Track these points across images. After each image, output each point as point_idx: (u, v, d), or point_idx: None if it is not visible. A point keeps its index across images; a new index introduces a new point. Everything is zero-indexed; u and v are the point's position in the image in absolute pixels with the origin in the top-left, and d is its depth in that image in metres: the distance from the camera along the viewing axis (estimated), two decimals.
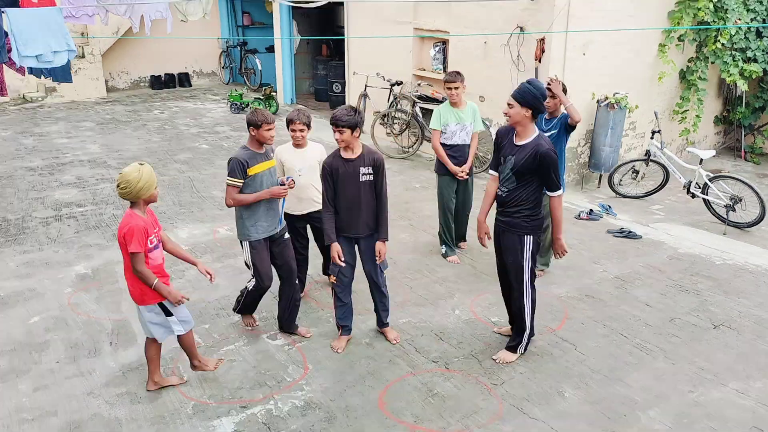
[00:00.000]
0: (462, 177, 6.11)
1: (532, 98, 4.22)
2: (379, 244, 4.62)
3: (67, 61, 6.63)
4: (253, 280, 4.80)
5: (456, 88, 5.94)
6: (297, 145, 5.07)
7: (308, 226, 5.36)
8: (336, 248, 4.55)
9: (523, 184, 4.34)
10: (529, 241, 4.45)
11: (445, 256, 6.37)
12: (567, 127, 5.52)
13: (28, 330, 5.06)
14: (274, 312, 5.33)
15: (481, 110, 8.66)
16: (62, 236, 6.86)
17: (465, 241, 6.61)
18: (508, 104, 4.30)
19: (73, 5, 6.90)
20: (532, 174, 4.29)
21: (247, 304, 5.00)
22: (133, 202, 3.92)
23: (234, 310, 5.10)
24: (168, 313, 4.10)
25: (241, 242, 4.75)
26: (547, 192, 4.38)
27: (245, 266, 4.89)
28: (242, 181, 4.46)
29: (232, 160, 4.45)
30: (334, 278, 4.71)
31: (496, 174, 4.54)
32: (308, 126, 5.00)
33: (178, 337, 4.25)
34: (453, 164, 6.08)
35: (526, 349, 4.73)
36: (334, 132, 4.40)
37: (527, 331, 4.66)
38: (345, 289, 4.77)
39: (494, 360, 4.68)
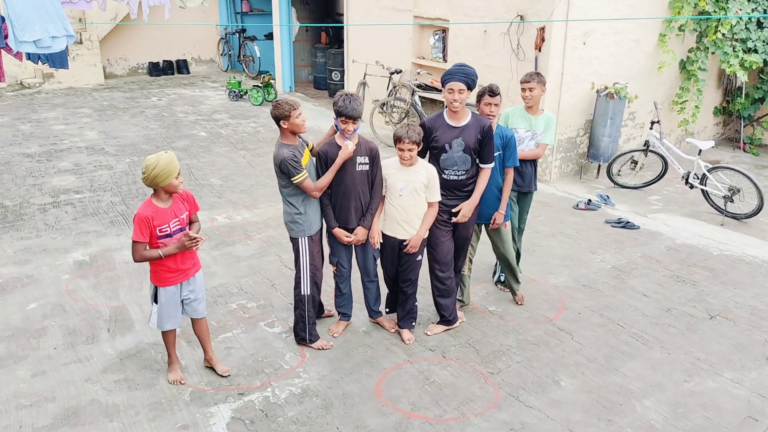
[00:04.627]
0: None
1: (476, 79, 4.51)
2: (358, 229, 4.54)
3: (65, 46, 6.60)
4: (306, 283, 4.53)
5: (531, 89, 5.17)
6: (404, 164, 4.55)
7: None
8: (339, 231, 4.54)
9: (473, 161, 4.57)
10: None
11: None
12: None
13: (26, 316, 5.06)
14: (272, 300, 5.34)
15: None
16: (60, 223, 6.85)
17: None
18: (459, 91, 4.43)
19: None
20: (479, 149, 4.54)
21: (313, 321, 4.65)
22: (155, 191, 3.88)
23: (304, 341, 4.68)
24: (155, 300, 4.11)
25: (296, 240, 4.46)
26: (484, 165, 4.58)
27: (293, 268, 4.57)
28: (305, 171, 4.24)
29: (283, 162, 4.17)
30: (335, 268, 4.73)
31: None
32: (418, 144, 4.43)
33: (192, 322, 4.34)
34: None
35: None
36: (346, 123, 4.29)
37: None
38: (344, 279, 4.78)
39: (427, 334, 4.87)
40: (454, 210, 4.62)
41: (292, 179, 4.24)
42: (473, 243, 5.08)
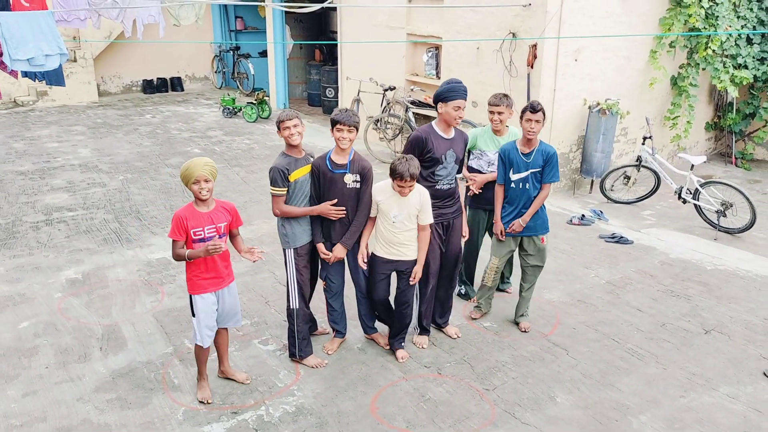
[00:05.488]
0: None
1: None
2: (336, 246, 4.48)
3: (59, 64, 6.62)
4: (294, 297, 4.55)
5: (500, 113, 5.05)
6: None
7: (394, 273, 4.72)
8: (320, 246, 4.50)
9: (457, 172, 4.82)
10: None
11: (466, 297, 5.66)
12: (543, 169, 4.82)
13: (18, 335, 5.02)
14: (266, 317, 5.32)
15: (474, 117, 8.73)
16: (52, 241, 6.81)
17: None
18: (464, 108, 4.62)
19: (65, 9, 6.88)
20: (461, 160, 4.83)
21: (303, 336, 4.64)
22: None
23: (294, 356, 4.66)
24: (193, 313, 4.13)
25: (284, 251, 4.52)
26: (457, 174, 4.84)
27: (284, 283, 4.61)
28: (285, 189, 4.32)
29: (273, 169, 4.32)
30: (324, 283, 4.70)
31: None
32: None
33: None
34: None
35: None
36: (342, 132, 4.29)
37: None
38: (334, 295, 4.73)
39: (423, 347, 4.89)
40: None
41: (270, 187, 4.37)
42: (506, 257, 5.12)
